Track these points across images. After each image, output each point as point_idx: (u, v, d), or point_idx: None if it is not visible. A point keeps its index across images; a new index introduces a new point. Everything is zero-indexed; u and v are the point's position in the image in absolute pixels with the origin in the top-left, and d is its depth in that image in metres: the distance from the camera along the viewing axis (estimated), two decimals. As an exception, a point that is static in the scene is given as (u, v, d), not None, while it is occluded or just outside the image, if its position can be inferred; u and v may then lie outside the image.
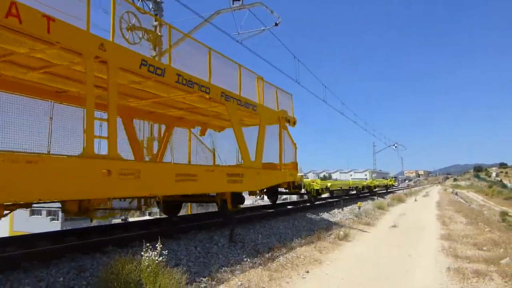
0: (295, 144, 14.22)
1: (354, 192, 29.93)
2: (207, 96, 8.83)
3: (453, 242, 10.82)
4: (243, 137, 10.39)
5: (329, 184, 21.09)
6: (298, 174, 14.49)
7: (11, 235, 7.30)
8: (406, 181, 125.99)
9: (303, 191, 16.12)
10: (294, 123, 14.09)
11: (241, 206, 11.16)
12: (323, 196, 20.99)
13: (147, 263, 4.76)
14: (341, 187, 25.21)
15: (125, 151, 9.52)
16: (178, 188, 7.71)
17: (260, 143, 11.25)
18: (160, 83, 7.72)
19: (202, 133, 13.07)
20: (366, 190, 33.38)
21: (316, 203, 18.31)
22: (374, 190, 35.89)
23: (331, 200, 21.68)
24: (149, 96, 8.93)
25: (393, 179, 54.69)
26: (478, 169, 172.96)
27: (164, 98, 9.04)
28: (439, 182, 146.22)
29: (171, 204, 11.21)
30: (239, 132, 10.30)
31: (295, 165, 13.96)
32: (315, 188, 17.15)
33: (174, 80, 7.70)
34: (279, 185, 13.40)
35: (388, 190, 43.42)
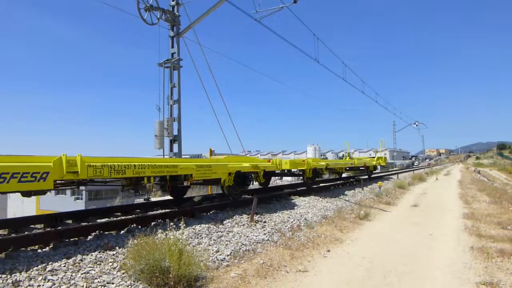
0: None
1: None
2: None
3: (476, 221, 10.66)
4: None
5: None
6: None
7: (38, 213, 7.50)
8: (427, 160, 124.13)
9: None
10: None
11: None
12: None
13: (171, 242, 4.84)
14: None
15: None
16: None
17: None
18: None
19: None
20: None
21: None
22: (312, 182, 15.50)
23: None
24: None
25: (382, 157, 27.47)
26: (501, 146, 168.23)
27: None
28: (460, 161, 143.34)
29: None
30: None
31: None
32: None
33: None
34: None
35: (372, 176, 26.56)
